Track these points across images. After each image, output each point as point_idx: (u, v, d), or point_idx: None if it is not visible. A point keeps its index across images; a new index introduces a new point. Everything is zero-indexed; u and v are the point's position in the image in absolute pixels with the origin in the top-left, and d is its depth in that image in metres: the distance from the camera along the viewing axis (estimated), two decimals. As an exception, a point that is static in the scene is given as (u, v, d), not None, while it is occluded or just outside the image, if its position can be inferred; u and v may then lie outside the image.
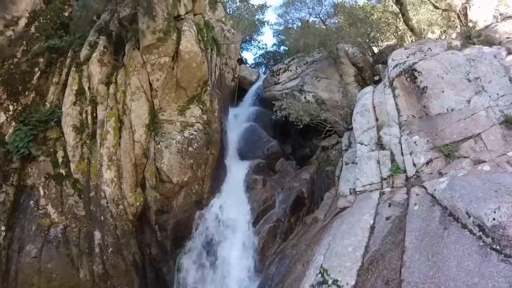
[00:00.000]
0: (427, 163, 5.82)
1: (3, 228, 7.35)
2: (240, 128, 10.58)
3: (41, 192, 7.72)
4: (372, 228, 5.45)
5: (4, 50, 8.27)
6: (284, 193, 8.86)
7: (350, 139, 8.73)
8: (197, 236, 7.89)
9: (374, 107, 7.03)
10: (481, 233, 4.10)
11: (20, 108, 8.21)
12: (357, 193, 6.58)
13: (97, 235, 7.37)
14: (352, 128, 7.97)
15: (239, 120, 11.13)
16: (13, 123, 8.04)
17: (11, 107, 8.12)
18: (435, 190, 5.10)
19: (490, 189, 4.39)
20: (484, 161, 5.44)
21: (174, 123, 8.46)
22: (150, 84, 8.50)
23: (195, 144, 8.36)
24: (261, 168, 9.46)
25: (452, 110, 6.14)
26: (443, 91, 6.35)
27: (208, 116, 8.93)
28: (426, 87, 6.50)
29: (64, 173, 7.88)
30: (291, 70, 12.81)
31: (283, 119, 10.00)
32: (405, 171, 6.02)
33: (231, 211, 8.23)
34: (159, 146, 8.09)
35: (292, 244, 7.44)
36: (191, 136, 8.39)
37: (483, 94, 6.15)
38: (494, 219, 4.03)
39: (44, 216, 7.54)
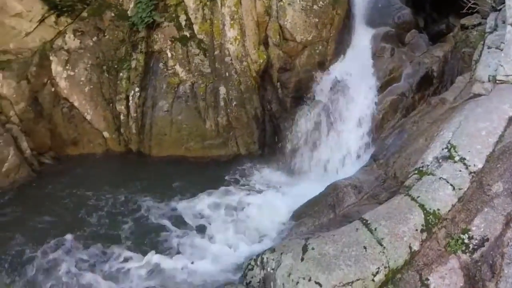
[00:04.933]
0: None
1: (137, 89, 8.03)
2: (369, -10, 9.56)
3: (169, 55, 8.09)
4: (511, 119, 4.74)
5: None
6: (413, 67, 8.03)
7: (497, 22, 7.34)
8: (317, 97, 7.81)
9: (537, -17, 5.72)
10: None
11: (137, -18, 8.42)
12: (497, 81, 5.60)
13: (222, 90, 7.71)
14: (500, 9, 6.69)
15: (368, -18, 10.04)
16: (133, -3, 8.36)
17: (128, -17, 8.38)
18: None
19: None
20: None
21: (298, -21, 7.99)
22: None
23: (320, 2, 7.84)
24: (390, 36, 8.56)
25: None
26: None
27: (335, -27, 8.22)
28: None
29: (188, 35, 8.08)
30: None
31: (419, -16, 8.78)
32: None
33: (353, 77, 7.83)
34: (282, 3, 7.78)
35: (413, 121, 6.88)
36: (316, -6, 7.92)
37: None
38: None
39: (173, 76, 8.03)
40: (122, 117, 8.07)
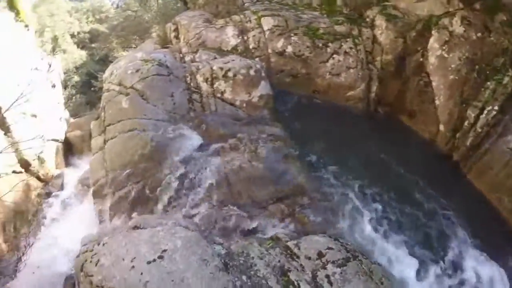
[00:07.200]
0: None
1: (496, 108, 7.63)
2: None
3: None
4: None
5: None
6: None
7: None
8: None
9: None
10: None
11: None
12: None
13: None
14: None
15: None
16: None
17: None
18: None
19: None
20: None
21: None
22: None
23: None
24: None
25: None
26: None
27: None
28: None
29: None
30: None
31: None
32: None
33: None
34: None
35: None
36: None
37: None
38: None
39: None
40: (466, 123, 7.92)
